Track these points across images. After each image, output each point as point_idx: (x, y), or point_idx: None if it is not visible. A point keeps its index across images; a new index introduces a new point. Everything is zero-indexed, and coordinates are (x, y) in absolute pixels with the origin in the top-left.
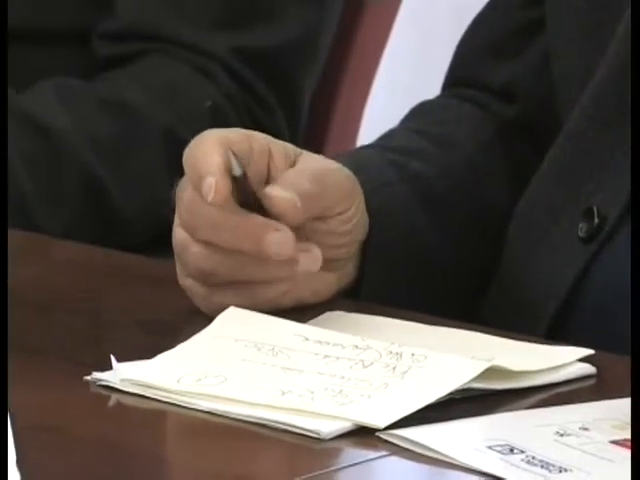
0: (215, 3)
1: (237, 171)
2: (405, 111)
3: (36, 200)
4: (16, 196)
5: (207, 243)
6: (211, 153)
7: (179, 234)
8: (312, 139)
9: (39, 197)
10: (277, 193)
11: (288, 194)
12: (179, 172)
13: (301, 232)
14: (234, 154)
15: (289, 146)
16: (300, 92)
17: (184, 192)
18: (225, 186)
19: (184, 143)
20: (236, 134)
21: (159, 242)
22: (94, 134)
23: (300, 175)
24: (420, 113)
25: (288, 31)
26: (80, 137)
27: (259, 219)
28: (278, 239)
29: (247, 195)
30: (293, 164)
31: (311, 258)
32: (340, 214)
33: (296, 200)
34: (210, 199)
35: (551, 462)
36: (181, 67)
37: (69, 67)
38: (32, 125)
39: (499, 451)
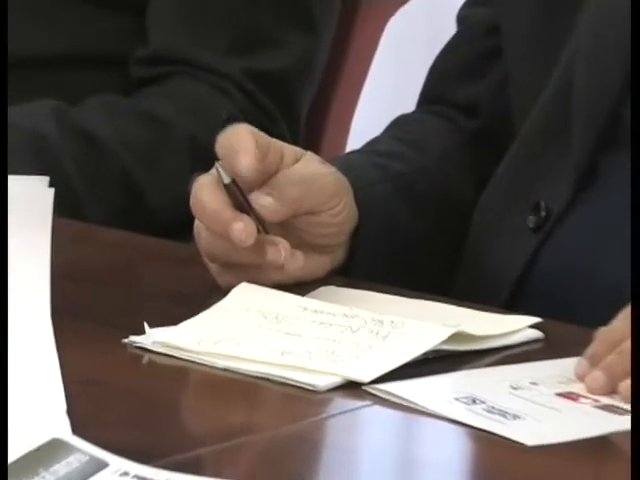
0: (228, 32)
1: (226, 180)
2: (387, 122)
3: (84, 195)
4: (68, 192)
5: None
6: (243, 135)
7: (196, 222)
8: (309, 145)
9: (87, 192)
10: (258, 201)
11: (268, 200)
12: (201, 172)
13: (295, 224)
14: (221, 166)
15: (297, 149)
16: (299, 106)
17: (203, 190)
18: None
19: (205, 149)
20: (260, 132)
21: (184, 229)
22: (131, 141)
23: (288, 179)
24: (399, 124)
25: (289, 55)
26: (119, 143)
27: (228, 212)
28: (240, 228)
29: (237, 198)
30: (287, 158)
31: (276, 250)
32: (330, 209)
33: (275, 205)
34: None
35: (507, 411)
36: (202, 86)
37: (109, 86)
38: (81, 133)
39: (464, 402)
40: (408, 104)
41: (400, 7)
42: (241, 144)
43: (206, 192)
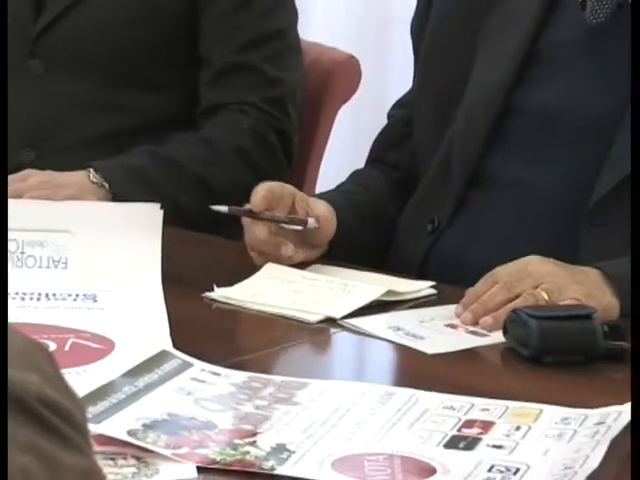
0: (250, 78)
1: (248, 207)
2: (344, 176)
3: (172, 197)
4: (163, 198)
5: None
6: (262, 188)
7: (244, 220)
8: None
9: (175, 195)
10: (312, 220)
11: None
12: (255, 175)
13: (305, 233)
14: (238, 205)
15: (304, 194)
16: (295, 113)
17: (250, 225)
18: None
19: (248, 156)
20: (279, 184)
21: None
22: (196, 156)
23: (324, 207)
24: (355, 174)
25: (286, 86)
26: (189, 159)
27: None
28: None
29: (258, 217)
30: (306, 201)
31: (286, 249)
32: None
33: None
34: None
35: (416, 334)
36: (236, 114)
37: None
38: (163, 158)
39: (392, 329)
40: (359, 163)
41: (351, 96)
42: (258, 194)
43: (249, 222)
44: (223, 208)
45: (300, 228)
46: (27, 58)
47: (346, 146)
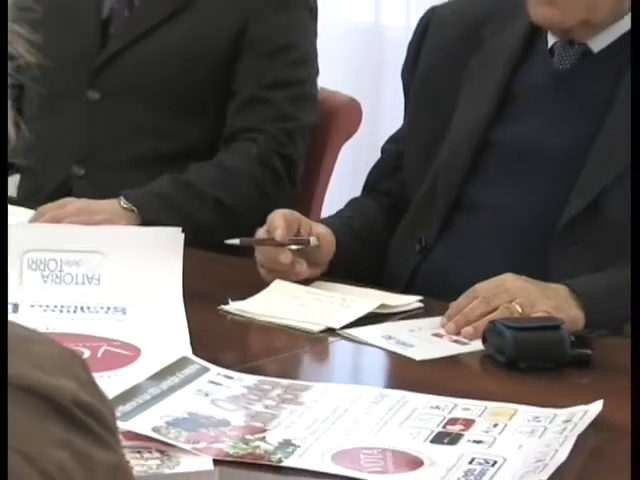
0: (269, 111)
1: (261, 234)
2: (344, 203)
3: (194, 218)
4: (185, 218)
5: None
6: (279, 216)
7: (258, 256)
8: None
9: (196, 217)
10: (313, 239)
11: (319, 238)
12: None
13: (310, 251)
14: (267, 232)
15: (307, 219)
16: (303, 145)
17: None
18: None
19: (256, 180)
20: (289, 212)
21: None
22: (212, 181)
23: (324, 229)
24: (352, 202)
25: (298, 122)
26: (207, 184)
27: (276, 252)
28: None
29: (268, 244)
30: (309, 225)
31: (301, 267)
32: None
33: (318, 240)
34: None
35: (406, 342)
36: (248, 142)
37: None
38: (185, 184)
39: (385, 338)
40: (357, 192)
41: (353, 134)
42: (279, 226)
43: (262, 249)
44: (235, 241)
45: (304, 247)
46: (86, 88)
47: (347, 177)
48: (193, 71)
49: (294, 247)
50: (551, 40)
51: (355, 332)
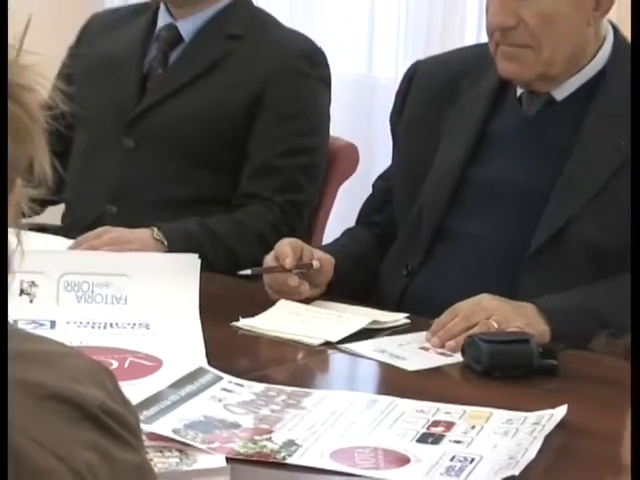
0: (281, 180)
1: (270, 262)
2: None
3: (212, 258)
4: (204, 257)
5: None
6: (286, 245)
7: (266, 279)
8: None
9: (213, 256)
10: (316, 262)
11: (320, 262)
12: (262, 252)
13: (311, 274)
14: (276, 258)
15: (309, 246)
16: (307, 216)
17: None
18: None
19: (266, 241)
20: (294, 241)
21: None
22: (230, 232)
23: (324, 254)
24: (347, 232)
25: (306, 195)
26: (225, 233)
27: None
28: (295, 281)
29: (276, 271)
30: (310, 251)
31: (304, 288)
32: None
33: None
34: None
35: (398, 355)
36: (261, 207)
37: (219, 211)
38: (209, 230)
39: (379, 351)
40: (350, 222)
41: (351, 174)
42: (284, 251)
43: (272, 276)
44: (247, 272)
45: (307, 270)
46: (122, 136)
47: (345, 211)
48: (214, 129)
49: (299, 271)
50: (519, 90)
51: (350, 346)
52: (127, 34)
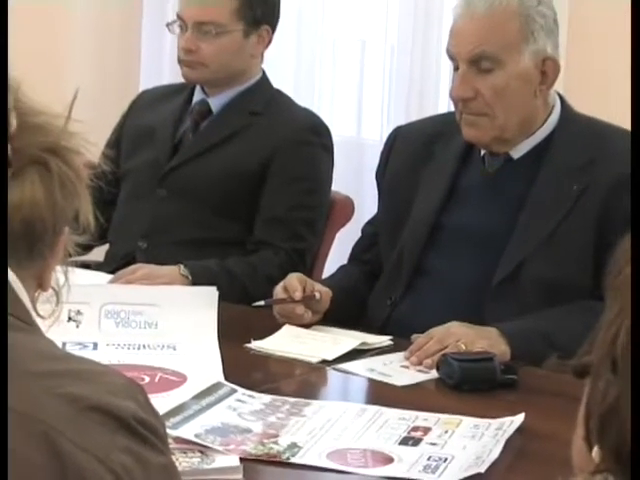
0: (286, 233)
1: (280, 293)
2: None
3: (228, 292)
4: (222, 292)
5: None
6: (295, 280)
7: (276, 308)
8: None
9: (229, 291)
10: (317, 294)
11: (320, 294)
12: (269, 290)
13: (313, 304)
14: (284, 290)
15: (311, 280)
16: (309, 260)
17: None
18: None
19: (274, 282)
20: (299, 276)
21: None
22: (245, 273)
23: (324, 288)
24: (341, 268)
25: (307, 243)
26: (241, 273)
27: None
28: (301, 311)
29: (287, 302)
30: (312, 284)
31: (307, 315)
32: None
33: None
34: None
35: (385, 372)
36: (270, 252)
37: (234, 253)
38: (227, 270)
39: (368, 370)
40: (344, 260)
41: (347, 223)
42: (294, 285)
43: (281, 305)
44: (261, 303)
45: (310, 301)
46: (156, 187)
47: (339, 254)
48: (232, 185)
49: (303, 302)
50: (483, 150)
51: (344, 365)
52: (168, 108)
